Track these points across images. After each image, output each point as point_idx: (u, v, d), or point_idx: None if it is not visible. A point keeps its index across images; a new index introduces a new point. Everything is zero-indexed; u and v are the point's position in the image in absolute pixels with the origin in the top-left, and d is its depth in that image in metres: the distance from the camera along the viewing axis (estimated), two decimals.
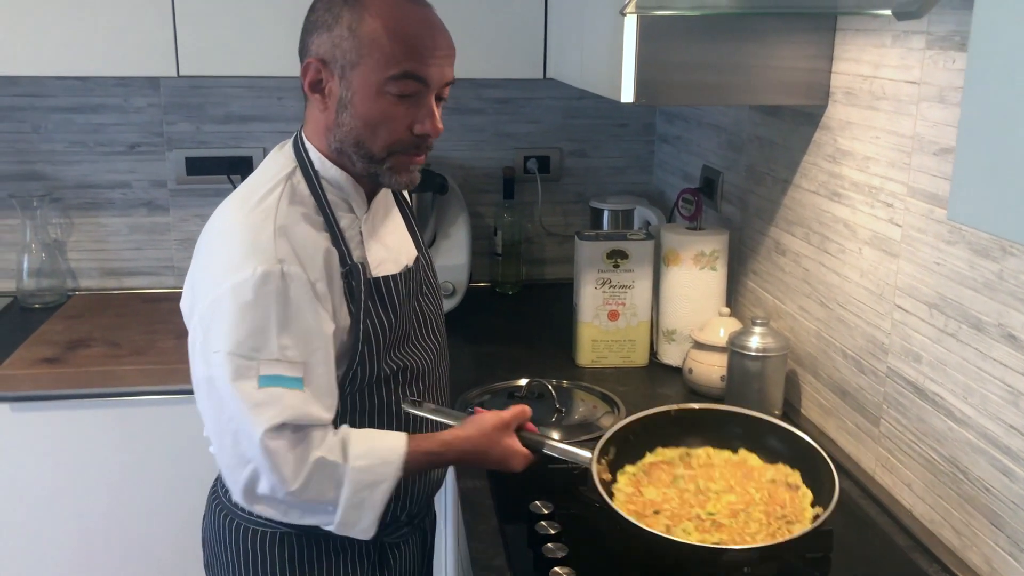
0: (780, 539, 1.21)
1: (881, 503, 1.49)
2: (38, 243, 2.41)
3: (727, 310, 1.95)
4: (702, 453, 1.41)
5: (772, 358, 1.78)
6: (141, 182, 2.52)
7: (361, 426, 1.35)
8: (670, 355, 2.07)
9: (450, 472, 1.70)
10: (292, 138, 1.39)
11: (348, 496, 1.22)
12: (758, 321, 1.78)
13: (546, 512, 1.41)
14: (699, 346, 1.93)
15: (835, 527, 1.38)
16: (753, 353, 1.77)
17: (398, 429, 1.37)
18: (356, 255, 1.34)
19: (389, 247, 1.43)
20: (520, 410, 1.37)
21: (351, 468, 1.22)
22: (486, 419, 1.33)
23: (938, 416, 1.37)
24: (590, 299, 2.04)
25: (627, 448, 1.40)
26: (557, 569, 1.26)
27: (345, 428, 1.28)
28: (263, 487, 1.22)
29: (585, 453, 1.34)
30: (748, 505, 1.29)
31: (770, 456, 1.41)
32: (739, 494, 1.32)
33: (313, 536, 1.36)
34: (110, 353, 2.09)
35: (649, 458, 1.41)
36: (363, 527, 1.25)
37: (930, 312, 1.38)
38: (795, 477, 1.35)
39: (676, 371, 2.03)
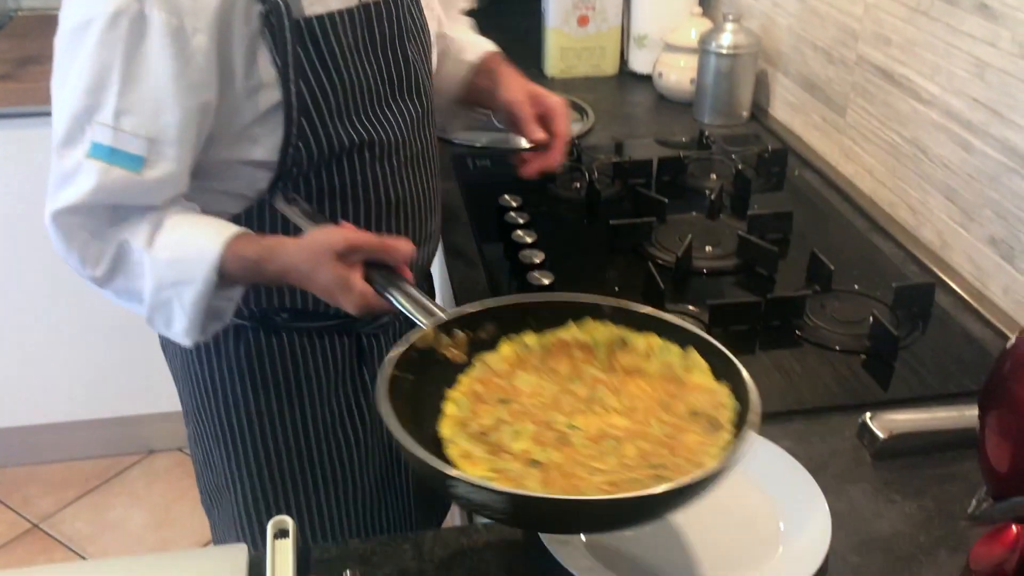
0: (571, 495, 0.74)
1: (842, 191, 1.53)
2: None
3: (699, 10, 1.90)
4: (641, 342, 0.89)
5: (742, 56, 1.75)
6: None
7: (320, 213, 1.07)
8: (640, 62, 2.03)
9: None
10: None
11: (151, 291, 0.98)
12: (730, 18, 1.74)
13: (515, 205, 1.44)
14: (670, 48, 1.89)
15: (795, 212, 1.42)
16: (724, 51, 1.74)
17: (375, 214, 1.11)
18: None
19: None
20: (380, 244, 0.94)
21: (151, 259, 0.97)
22: (319, 237, 0.95)
23: (904, 99, 1.37)
24: (559, 2, 1.97)
25: (536, 318, 0.92)
26: (525, 246, 1.30)
27: (169, 212, 1.00)
28: (72, 268, 1.01)
29: (437, 315, 0.89)
30: (632, 436, 0.82)
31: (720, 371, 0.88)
32: (635, 420, 0.84)
33: (273, 327, 1.14)
34: None
35: (561, 334, 0.91)
36: (177, 331, 1.00)
37: None
38: (726, 413, 0.82)
39: (646, 79, 2.01)
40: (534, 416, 0.84)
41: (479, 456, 0.78)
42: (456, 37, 1.33)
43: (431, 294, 1.25)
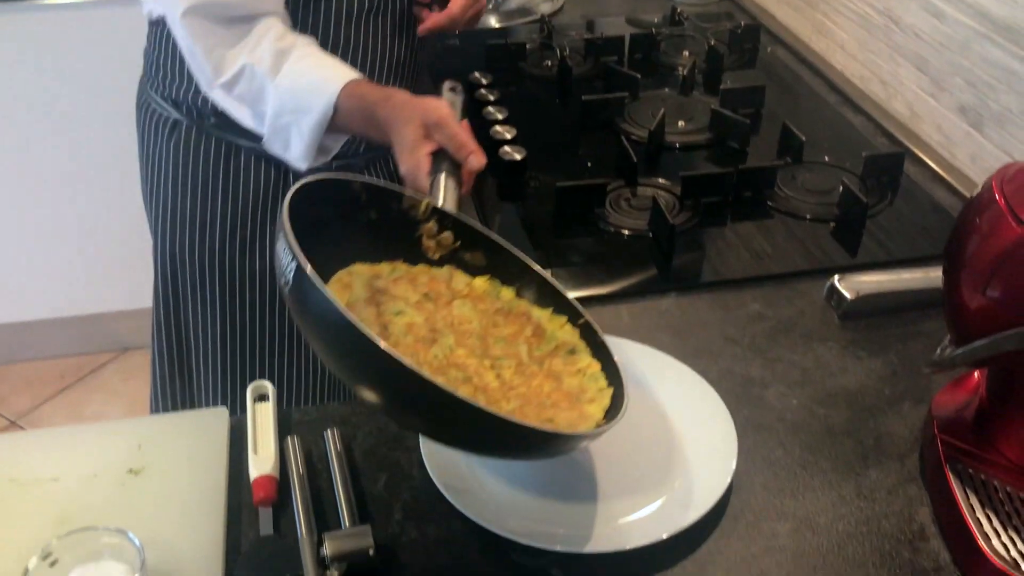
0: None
1: (814, 66, 1.52)
2: None
3: None
4: (585, 361, 0.84)
5: None
6: None
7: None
8: None
9: None
10: None
11: (272, 115, 1.05)
12: None
13: (485, 83, 1.43)
14: None
15: (767, 87, 1.41)
16: None
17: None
18: None
19: None
20: (461, 138, 0.94)
21: (275, 86, 1.03)
22: (429, 101, 0.99)
23: None
24: None
25: (528, 288, 0.88)
26: (498, 128, 1.30)
27: (294, 40, 1.05)
28: (195, 69, 1.07)
29: (447, 207, 0.88)
30: (482, 391, 0.78)
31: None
32: (500, 392, 0.79)
33: (204, 129, 1.17)
34: None
35: (532, 311, 0.87)
36: (293, 155, 1.07)
37: None
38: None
39: None
40: (431, 320, 0.80)
41: (354, 292, 0.76)
42: None
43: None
